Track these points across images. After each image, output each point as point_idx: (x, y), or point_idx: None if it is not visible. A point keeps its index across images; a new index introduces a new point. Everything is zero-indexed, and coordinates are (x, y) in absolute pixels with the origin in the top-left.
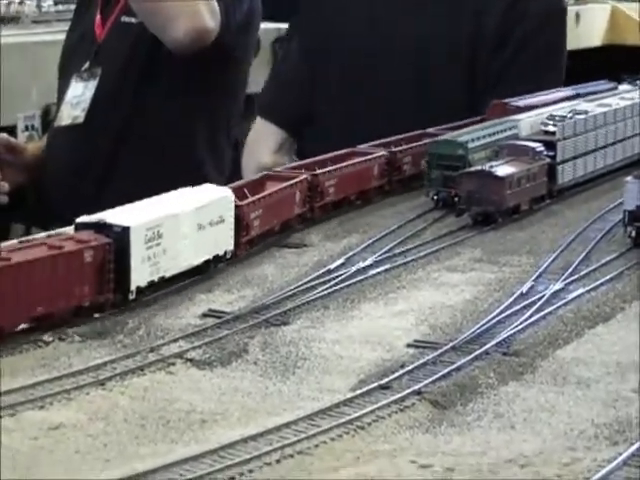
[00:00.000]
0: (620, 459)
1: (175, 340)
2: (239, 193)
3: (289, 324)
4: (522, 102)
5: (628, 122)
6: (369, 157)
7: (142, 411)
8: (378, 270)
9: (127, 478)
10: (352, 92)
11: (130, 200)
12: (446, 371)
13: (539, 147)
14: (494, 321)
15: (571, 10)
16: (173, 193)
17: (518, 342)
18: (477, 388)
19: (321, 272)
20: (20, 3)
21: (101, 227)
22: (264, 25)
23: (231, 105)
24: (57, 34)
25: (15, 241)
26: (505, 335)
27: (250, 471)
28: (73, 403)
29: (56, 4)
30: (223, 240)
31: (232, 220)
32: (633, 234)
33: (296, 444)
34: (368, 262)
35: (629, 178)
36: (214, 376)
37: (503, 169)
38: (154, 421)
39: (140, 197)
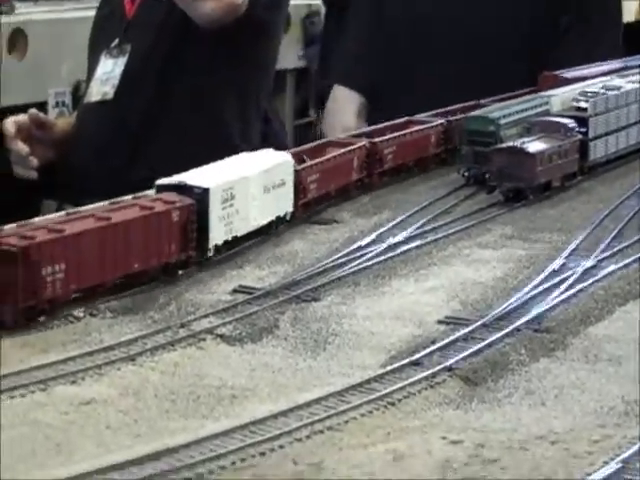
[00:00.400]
0: None
1: (206, 316)
2: (299, 158)
3: (320, 300)
4: (572, 74)
5: None
6: (427, 126)
7: (172, 386)
8: (409, 246)
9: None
10: (407, 62)
11: (159, 176)
12: (477, 347)
13: (571, 123)
14: (525, 298)
15: None
16: (237, 157)
17: (549, 319)
18: (508, 365)
19: (352, 248)
20: None
21: (182, 189)
22: (295, 1)
23: (261, 80)
24: (87, 10)
25: (106, 202)
26: (536, 312)
27: (280, 447)
28: (104, 378)
29: None
30: (284, 202)
31: (292, 183)
32: None
33: (326, 420)
34: (399, 238)
35: None
36: (244, 352)
37: (534, 145)
38: (184, 396)
39: (170, 172)
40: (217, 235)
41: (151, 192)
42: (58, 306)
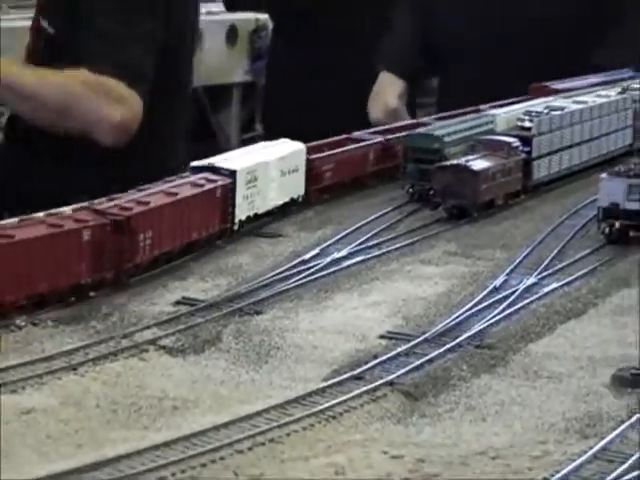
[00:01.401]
0: (590, 453)
1: (148, 327)
2: (319, 149)
3: (263, 313)
4: (560, 85)
5: (604, 119)
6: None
7: (114, 397)
8: (352, 261)
9: None
10: (449, 54)
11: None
12: (418, 363)
13: (515, 142)
14: (467, 314)
15: None
16: (258, 145)
17: (491, 335)
18: (449, 380)
19: (295, 262)
20: None
21: (212, 170)
22: (242, 16)
23: (169, 104)
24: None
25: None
26: (478, 328)
27: (222, 458)
28: (45, 388)
29: None
30: (297, 186)
31: (304, 170)
32: (607, 230)
33: (268, 432)
34: (343, 253)
35: (604, 175)
36: (186, 363)
37: (478, 163)
38: (126, 407)
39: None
40: (241, 212)
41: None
42: (143, 269)
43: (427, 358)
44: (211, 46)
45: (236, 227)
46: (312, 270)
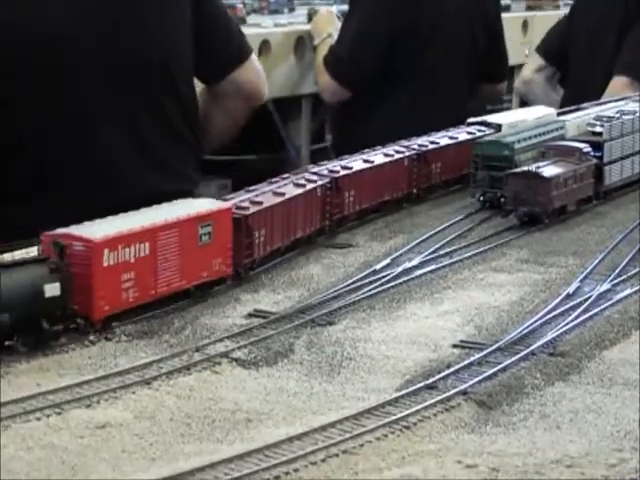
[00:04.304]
0: None
1: (221, 340)
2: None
3: (335, 324)
4: None
5: None
6: None
7: (188, 410)
8: (424, 270)
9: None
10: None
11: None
12: (492, 371)
13: (586, 148)
14: (540, 322)
15: None
16: (520, 109)
17: (564, 343)
18: (523, 388)
19: (367, 272)
20: None
21: (484, 124)
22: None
23: None
24: None
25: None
26: (551, 336)
27: (295, 470)
28: (119, 402)
29: None
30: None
31: None
32: None
33: (341, 443)
34: (414, 262)
35: None
36: (259, 376)
37: (549, 170)
38: (200, 420)
39: None
40: None
41: None
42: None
43: (500, 367)
44: (279, 58)
45: None
46: (384, 280)
